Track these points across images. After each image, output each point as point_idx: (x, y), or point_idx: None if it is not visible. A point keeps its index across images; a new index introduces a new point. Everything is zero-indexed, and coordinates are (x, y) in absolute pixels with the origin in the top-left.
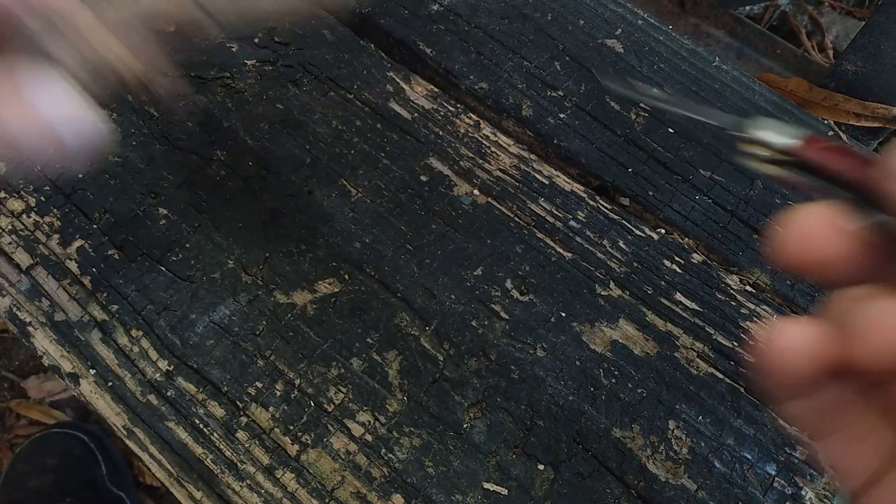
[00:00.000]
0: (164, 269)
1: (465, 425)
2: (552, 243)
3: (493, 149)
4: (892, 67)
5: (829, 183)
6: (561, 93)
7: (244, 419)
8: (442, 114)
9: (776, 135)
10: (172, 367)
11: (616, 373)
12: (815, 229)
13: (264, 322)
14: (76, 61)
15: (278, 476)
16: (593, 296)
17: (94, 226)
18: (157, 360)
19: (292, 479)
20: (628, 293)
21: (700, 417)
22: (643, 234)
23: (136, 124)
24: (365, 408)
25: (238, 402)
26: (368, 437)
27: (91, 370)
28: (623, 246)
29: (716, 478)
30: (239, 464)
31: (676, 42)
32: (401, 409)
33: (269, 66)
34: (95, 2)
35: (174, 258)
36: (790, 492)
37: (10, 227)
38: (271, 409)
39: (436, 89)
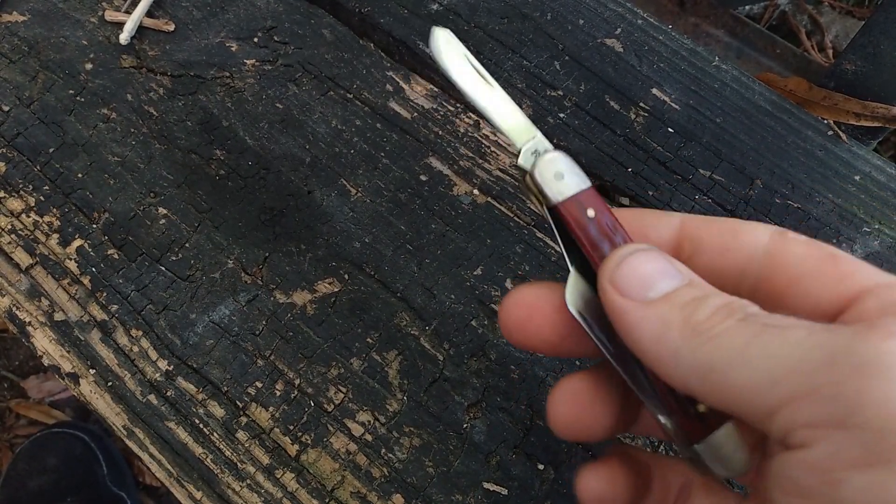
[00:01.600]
0: (163, 268)
1: (465, 425)
2: (552, 243)
3: (492, 148)
4: (892, 67)
5: (568, 247)
6: (560, 92)
7: (244, 419)
8: (441, 113)
9: (550, 181)
10: (172, 366)
11: None
12: (531, 311)
13: (264, 322)
14: None
15: (278, 476)
16: None
17: (94, 225)
18: (157, 359)
19: (292, 478)
20: None
21: None
22: None
23: (135, 124)
24: (365, 408)
25: (238, 402)
26: (368, 437)
27: (91, 370)
28: None
29: None
30: (239, 464)
31: (676, 41)
32: (401, 409)
33: (268, 65)
34: None
35: (174, 258)
36: None
37: (9, 227)
38: (271, 408)
39: (435, 89)
